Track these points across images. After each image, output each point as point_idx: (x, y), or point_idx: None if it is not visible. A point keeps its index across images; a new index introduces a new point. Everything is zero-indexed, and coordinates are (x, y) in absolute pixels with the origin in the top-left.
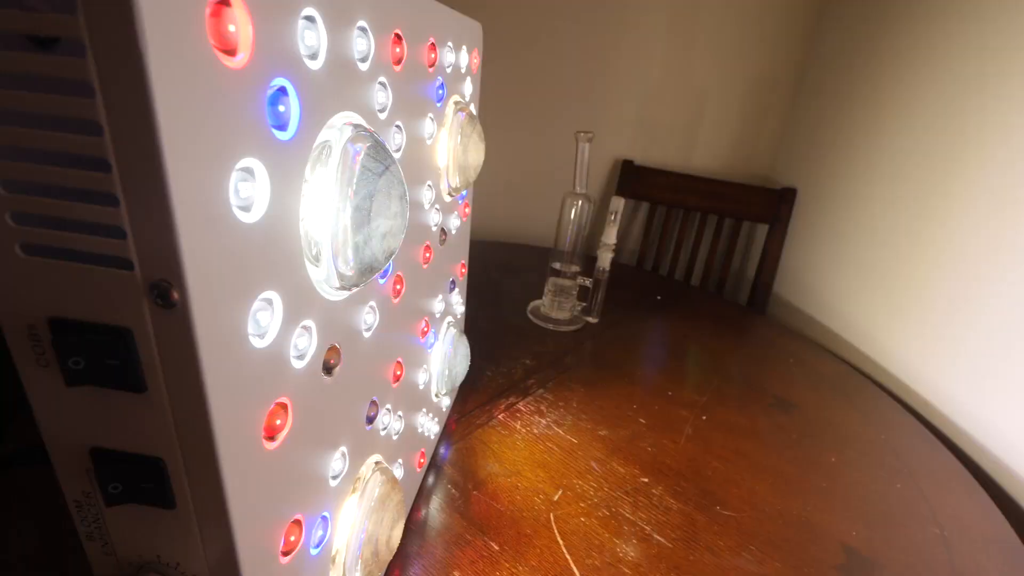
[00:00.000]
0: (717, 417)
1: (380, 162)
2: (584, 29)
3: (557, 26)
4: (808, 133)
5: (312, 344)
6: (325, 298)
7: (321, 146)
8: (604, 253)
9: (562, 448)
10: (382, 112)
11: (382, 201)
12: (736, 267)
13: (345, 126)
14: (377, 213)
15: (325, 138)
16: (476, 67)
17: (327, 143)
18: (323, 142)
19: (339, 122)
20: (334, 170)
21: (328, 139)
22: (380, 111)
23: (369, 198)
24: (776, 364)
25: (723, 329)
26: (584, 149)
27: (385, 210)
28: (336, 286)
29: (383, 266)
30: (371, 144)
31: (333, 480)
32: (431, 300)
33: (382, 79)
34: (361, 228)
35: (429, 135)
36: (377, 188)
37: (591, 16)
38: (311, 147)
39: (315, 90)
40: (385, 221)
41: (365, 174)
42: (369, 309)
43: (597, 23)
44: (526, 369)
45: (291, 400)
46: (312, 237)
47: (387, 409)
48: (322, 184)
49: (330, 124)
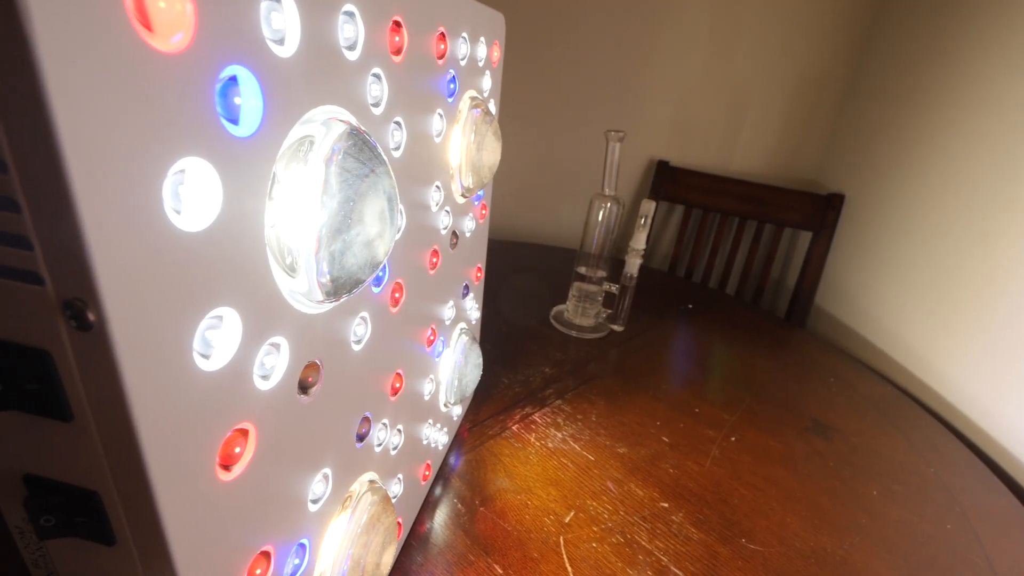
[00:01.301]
0: (747, 439)
1: (363, 162)
2: (619, 23)
3: (590, 19)
4: (860, 136)
5: (283, 362)
6: (301, 311)
7: (299, 142)
8: (632, 259)
9: (577, 465)
10: (377, 107)
11: (365, 205)
12: (775, 276)
13: (331, 121)
14: (358, 219)
15: (304, 133)
16: (497, 61)
17: (309, 139)
18: (302, 138)
19: (321, 117)
20: (310, 170)
21: (310, 134)
22: (374, 105)
23: (348, 202)
24: (815, 383)
25: (758, 342)
26: (614, 149)
27: (368, 215)
28: (318, 299)
29: (367, 277)
30: (352, 143)
31: (313, 504)
32: (439, 307)
33: (376, 70)
34: (338, 235)
35: (438, 132)
36: (358, 191)
37: (627, 9)
38: (280, 144)
39: (284, 80)
40: (368, 228)
41: (344, 176)
42: (360, 320)
43: (633, 17)
44: (544, 378)
45: (255, 425)
46: (285, 245)
47: (383, 424)
48: (297, 185)
49: (307, 119)
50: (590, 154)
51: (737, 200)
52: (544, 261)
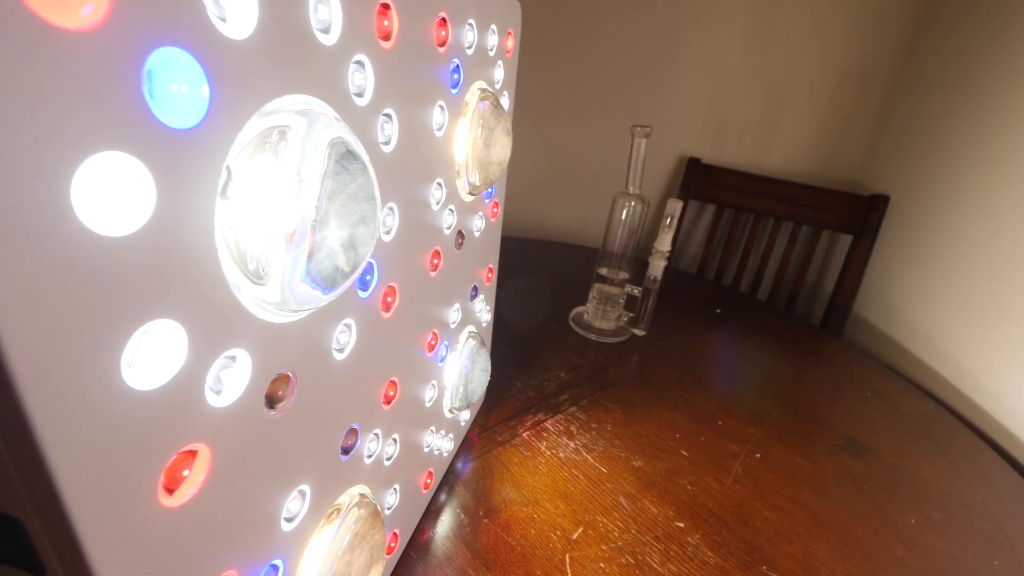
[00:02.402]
0: (773, 456)
1: (337, 159)
2: (649, 11)
3: (618, 7)
4: (908, 133)
5: (243, 377)
6: (266, 321)
7: (264, 136)
8: (656, 261)
9: (589, 477)
10: (361, 97)
11: (336, 206)
12: (811, 281)
13: (309, 113)
14: (335, 220)
15: (270, 125)
16: (511, 51)
17: (280, 131)
18: (268, 130)
19: (293, 107)
20: (284, 166)
21: (283, 126)
22: (358, 95)
23: (328, 201)
24: (850, 397)
25: (790, 351)
26: (640, 145)
27: (341, 217)
28: (292, 308)
29: (339, 284)
30: (315, 137)
31: (288, 523)
32: (443, 310)
33: (360, 57)
34: (315, 238)
35: (439, 126)
36: (336, 189)
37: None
38: (233, 137)
39: (238, 66)
40: (341, 231)
41: (324, 173)
42: (343, 328)
43: (664, 5)
44: (560, 383)
45: (209, 445)
46: (247, 249)
47: (375, 435)
48: (265, 182)
49: (269, 110)
50: (616, 150)
51: (772, 200)
52: (565, 260)
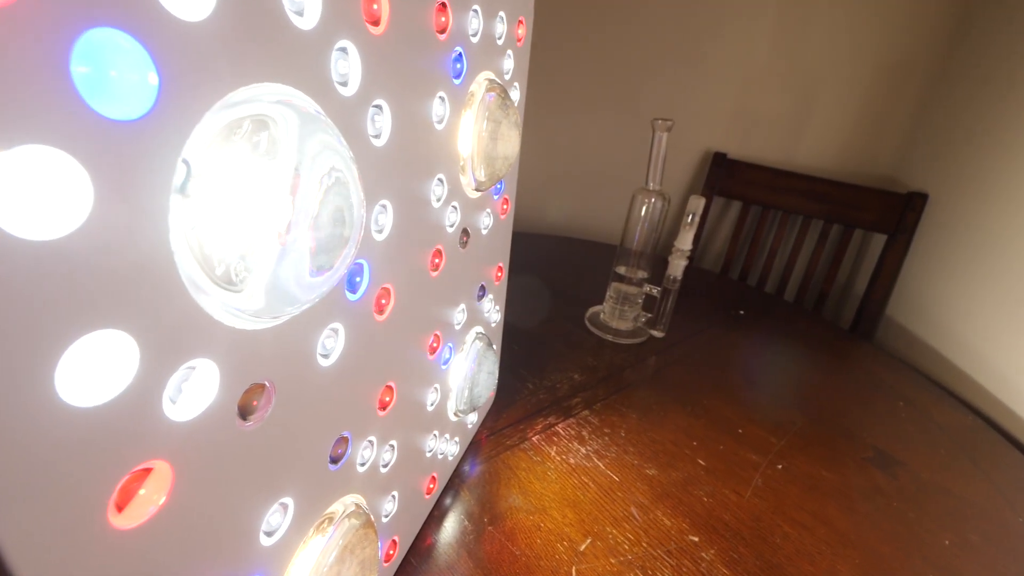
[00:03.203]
0: (796, 467)
1: (314, 155)
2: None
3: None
4: (948, 128)
5: (208, 388)
6: (236, 328)
7: (233, 127)
8: (677, 260)
9: (599, 485)
10: (345, 86)
11: (318, 204)
12: (841, 282)
13: (287, 103)
14: (317, 221)
15: (237, 116)
16: (522, 39)
17: (255, 120)
18: (238, 121)
19: (265, 97)
20: (268, 162)
21: (253, 115)
22: (342, 85)
23: (311, 201)
24: (881, 406)
25: (817, 355)
26: (661, 139)
27: (323, 216)
28: (274, 315)
29: (313, 294)
30: (270, 131)
31: (268, 537)
32: (446, 311)
33: (344, 43)
34: (297, 240)
35: (439, 119)
36: (316, 188)
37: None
38: (189, 129)
39: (193, 51)
40: (323, 231)
41: (307, 170)
42: (329, 332)
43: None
44: (573, 385)
45: (170, 461)
46: (214, 252)
47: (369, 442)
48: (240, 180)
49: (235, 100)
50: (637, 143)
51: (801, 197)
52: (583, 257)
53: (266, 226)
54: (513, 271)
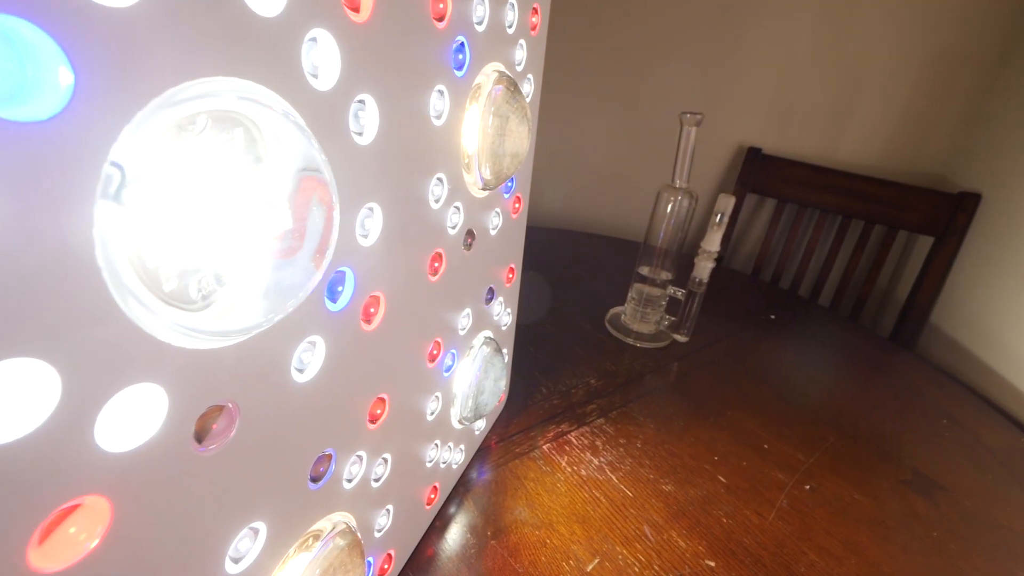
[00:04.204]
0: (826, 488)
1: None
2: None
3: None
4: (1005, 124)
5: (153, 415)
6: (185, 349)
7: (183, 126)
8: (703, 262)
9: (611, 500)
10: (319, 79)
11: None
12: (882, 286)
13: (242, 99)
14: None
15: (184, 114)
16: (537, 28)
17: (216, 118)
18: (188, 119)
19: (221, 92)
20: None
21: (209, 112)
22: (317, 78)
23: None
24: (921, 424)
25: (853, 366)
26: (689, 134)
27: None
28: (242, 328)
29: (284, 307)
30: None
31: (235, 564)
32: (449, 316)
33: (316, 32)
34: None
35: (438, 114)
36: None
37: None
38: (116, 131)
39: (116, 41)
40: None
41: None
42: (307, 345)
43: None
44: (589, 391)
45: (107, 496)
46: (154, 267)
47: (357, 457)
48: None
49: (180, 98)
50: (665, 136)
51: (841, 195)
52: (605, 255)
53: (234, 234)
54: (531, 268)
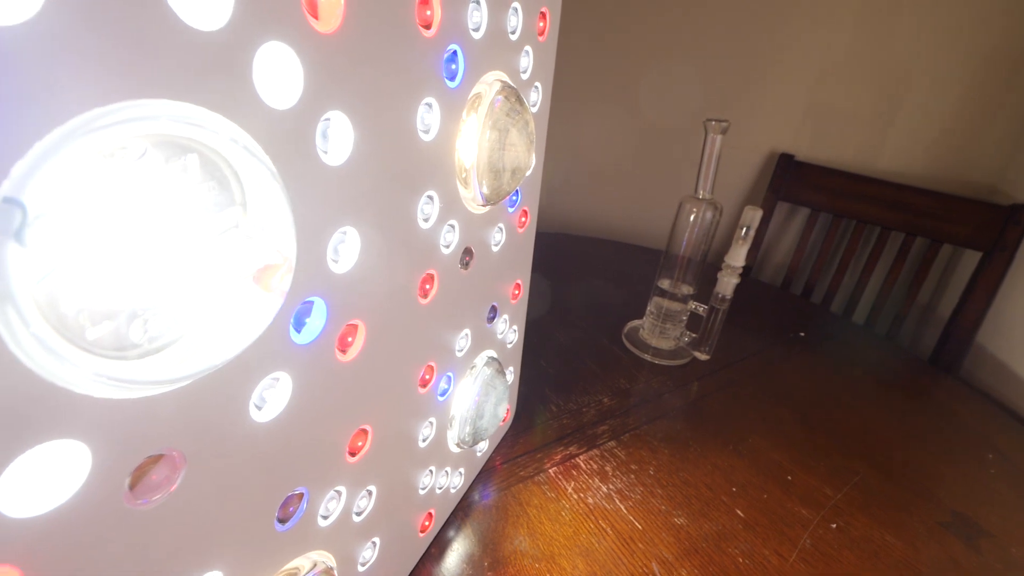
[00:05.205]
0: (855, 529)
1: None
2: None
3: None
4: None
5: (72, 475)
6: (112, 399)
7: (107, 155)
8: (727, 277)
9: (618, 533)
10: (277, 97)
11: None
12: (923, 303)
13: (177, 122)
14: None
15: (103, 144)
16: (545, 33)
17: (155, 144)
18: (116, 148)
19: (149, 117)
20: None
21: (138, 140)
22: (274, 97)
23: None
24: (965, 458)
25: (889, 390)
26: (714, 142)
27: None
28: (184, 376)
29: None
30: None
31: None
32: (444, 337)
33: (272, 46)
34: (111, 296)
35: (426, 128)
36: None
37: None
38: (8, 164)
39: (9, 61)
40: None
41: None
42: (269, 382)
43: None
44: (600, 410)
45: (18, 565)
46: (70, 312)
47: (336, 493)
48: (97, 222)
49: (96, 125)
50: (691, 141)
51: (881, 206)
52: (626, 263)
53: (175, 271)
54: (546, 275)
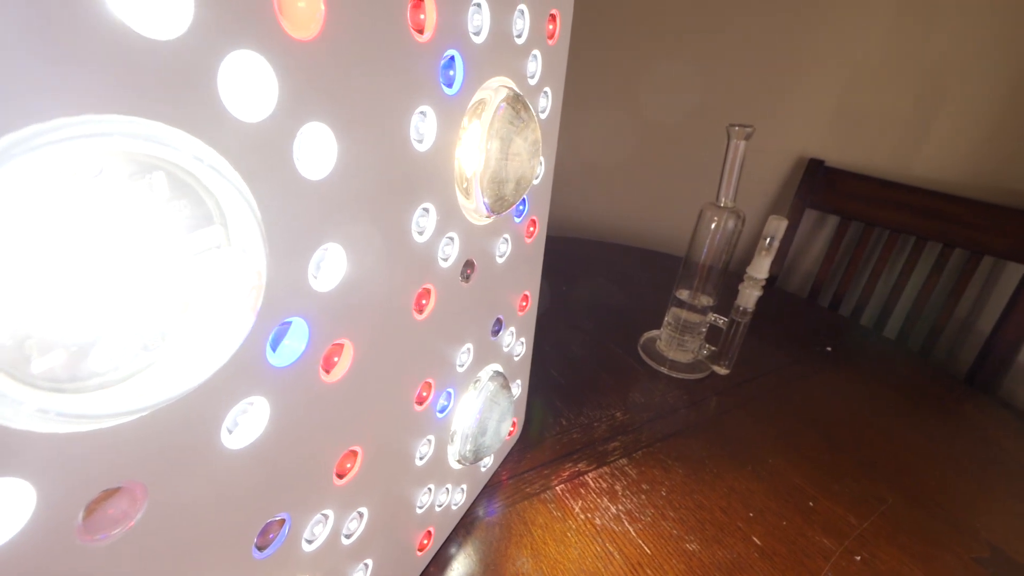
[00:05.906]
0: (881, 561)
1: None
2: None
3: None
4: None
5: (15, 510)
6: (56, 434)
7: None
8: (749, 289)
9: (626, 557)
10: (248, 109)
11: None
12: (960, 318)
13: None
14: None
15: (51, 161)
16: (555, 36)
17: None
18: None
19: (115, 133)
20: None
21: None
22: (239, 106)
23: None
24: (1003, 487)
25: (921, 410)
26: (738, 147)
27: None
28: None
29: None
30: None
31: None
32: (443, 353)
33: (240, 55)
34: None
35: (420, 137)
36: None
37: None
38: None
39: None
40: None
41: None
42: (244, 406)
43: None
44: (613, 425)
45: None
46: (15, 344)
47: (322, 516)
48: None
49: (37, 142)
50: (715, 145)
51: (916, 214)
52: (645, 270)
53: (133, 297)
54: (562, 280)
